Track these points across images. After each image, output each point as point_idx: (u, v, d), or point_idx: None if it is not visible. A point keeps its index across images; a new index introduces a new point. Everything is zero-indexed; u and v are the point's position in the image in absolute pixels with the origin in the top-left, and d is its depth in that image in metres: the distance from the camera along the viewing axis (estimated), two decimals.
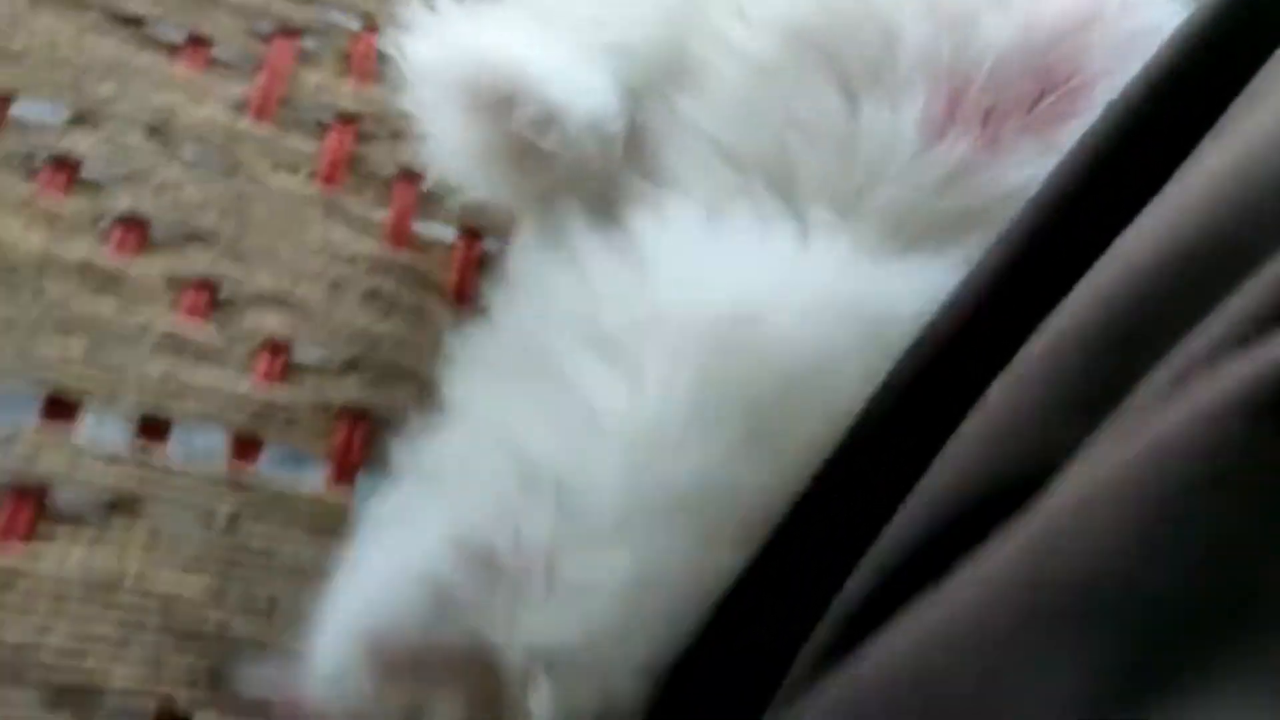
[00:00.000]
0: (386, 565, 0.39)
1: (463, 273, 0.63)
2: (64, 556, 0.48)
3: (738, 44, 0.44)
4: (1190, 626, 0.20)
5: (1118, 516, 0.21)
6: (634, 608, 0.36)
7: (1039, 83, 0.41)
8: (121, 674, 0.47)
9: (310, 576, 0.51)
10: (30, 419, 0.51)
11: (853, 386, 0.36)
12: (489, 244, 0.64)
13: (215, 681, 0.48)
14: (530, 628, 0.35)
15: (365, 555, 0.40)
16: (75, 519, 0.49)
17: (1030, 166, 0.38)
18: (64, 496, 0.50)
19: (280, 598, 0.51)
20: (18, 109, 0.57)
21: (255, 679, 0.49)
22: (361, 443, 0.56)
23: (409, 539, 0.39)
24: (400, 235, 0.62)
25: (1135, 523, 0.21)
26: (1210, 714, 0.19)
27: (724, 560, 0.36)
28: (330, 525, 0.53)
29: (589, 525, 0.37)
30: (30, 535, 0.48)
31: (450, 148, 0.51)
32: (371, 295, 0.59)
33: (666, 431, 0.37)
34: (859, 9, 0.42)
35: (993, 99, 0.41)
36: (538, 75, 0.46)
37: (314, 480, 0.54)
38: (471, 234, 0.64)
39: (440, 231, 0.64)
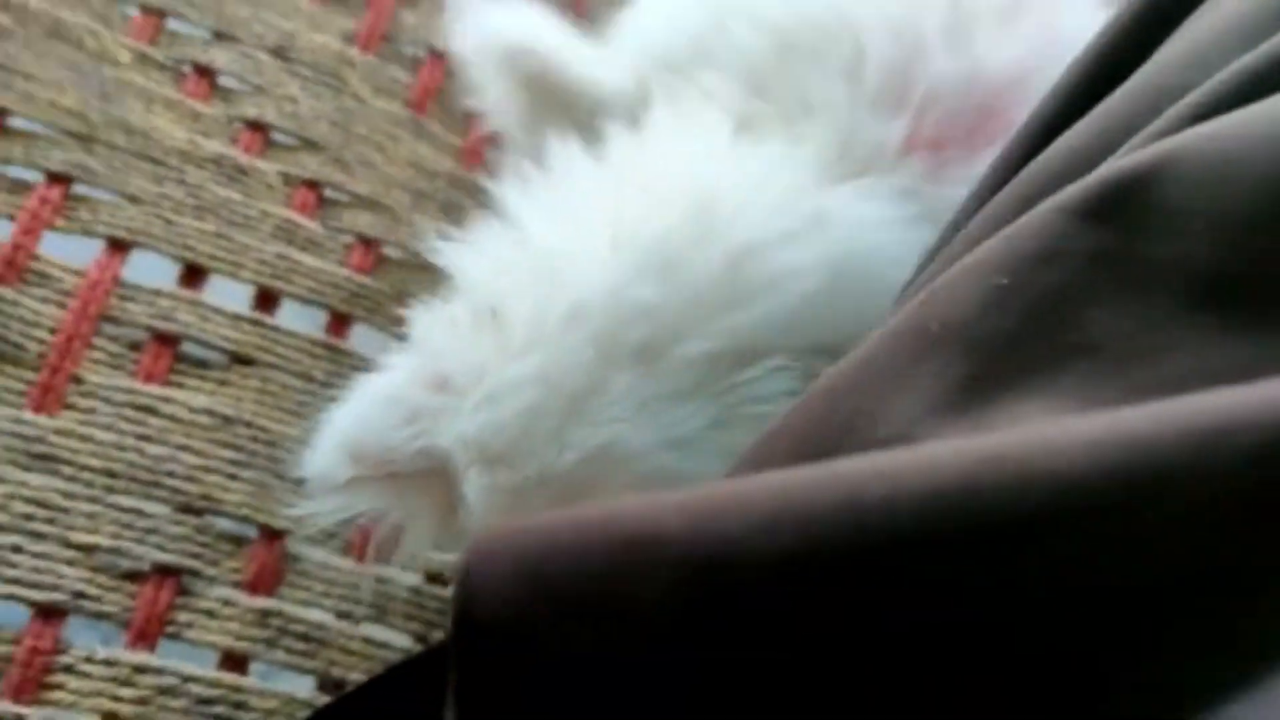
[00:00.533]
0: (366, 392, 0.49)
1: None
2: (192, 396, 0.59)
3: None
4: (1013, 354, 0.26)
5: (974, 278, 0.28)
6: (539, 408, 0.43)
7: (977, 118, 0.48)
8: (233, 496, 0.58)
9: None
10: (169, 281, 0.61)
11: (762, 239, 0.44)
12: None
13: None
14: (463, 429, 0.44)
15: (354, 390, 0.49)
16: (202, 365, 0.60)
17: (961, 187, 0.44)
18: (193, 347, 0.60)
19: None
20: (171, 23, 0.67)
21: None
22: None
23: (387, 375, 0.48)
24: (474, 158, 0.72)
25: (983, 282, 0.28)
26: (1019, 409, 0.25)
27: (622, 377, 0.43)
28: None
29: (509, 339, 0.44)
30: (167, 376, 0.59)
31: (500, 108, 0.61)
32: (448, 206, 0.70)
33: (580, 251, 0.45)
34: (834, 22, 0.50)
35: (942, 131, 0.49)
36: (565, 57, 0.57)
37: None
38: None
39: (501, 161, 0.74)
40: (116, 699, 0.51)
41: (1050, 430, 0.23)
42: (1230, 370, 0.23)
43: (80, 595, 0.52)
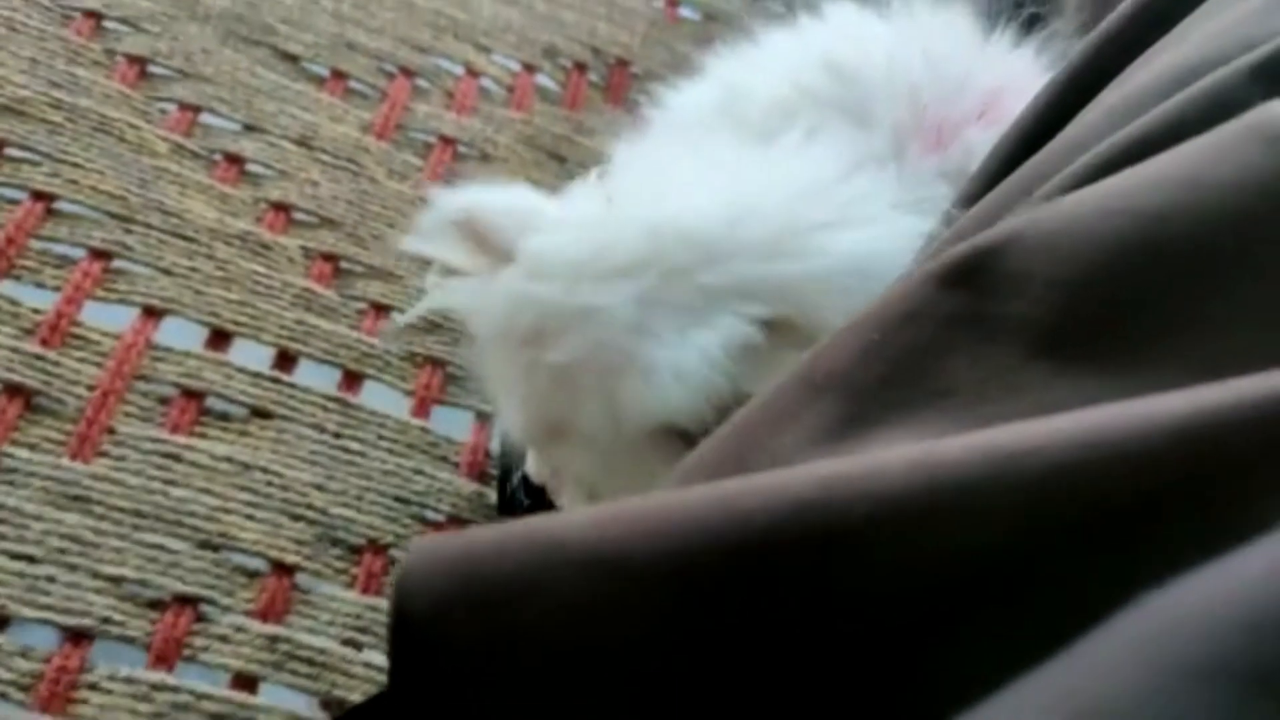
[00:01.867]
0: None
1: None
2: (214, 445, 0.64)
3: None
4: (881, 397, 0.30)
5: (854, 334, 0.32)
6: None
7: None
8: (248, 534, 0.62)
9: (391, 479, 0.66)
10: (197, 344, 0.67)
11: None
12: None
13: (315, 547, 0.63)
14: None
15: None
16: (224, 418, 0.65)
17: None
18: (217, 402, 0.65)
19: (365, 494, 0.65)
20: (204, 118, 0.74)
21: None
22: (438, 385, 0.71)
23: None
24: None
25: (860, 337, 0.32)
26: (883, 445, 0.29)
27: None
28: (410, 445, 0.68)
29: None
30: (192, 428, 0.64)
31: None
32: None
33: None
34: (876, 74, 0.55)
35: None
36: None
37: (400, 411, 0.69)
38: None
39: None
40: (136, 713, 0.55)
41: (886, 455, 0.27)
42: (1064, 408, 0.26)
43: (107, 621, 0.57)
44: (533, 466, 0.60)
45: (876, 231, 0.48)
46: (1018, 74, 0.54)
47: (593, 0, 0.92)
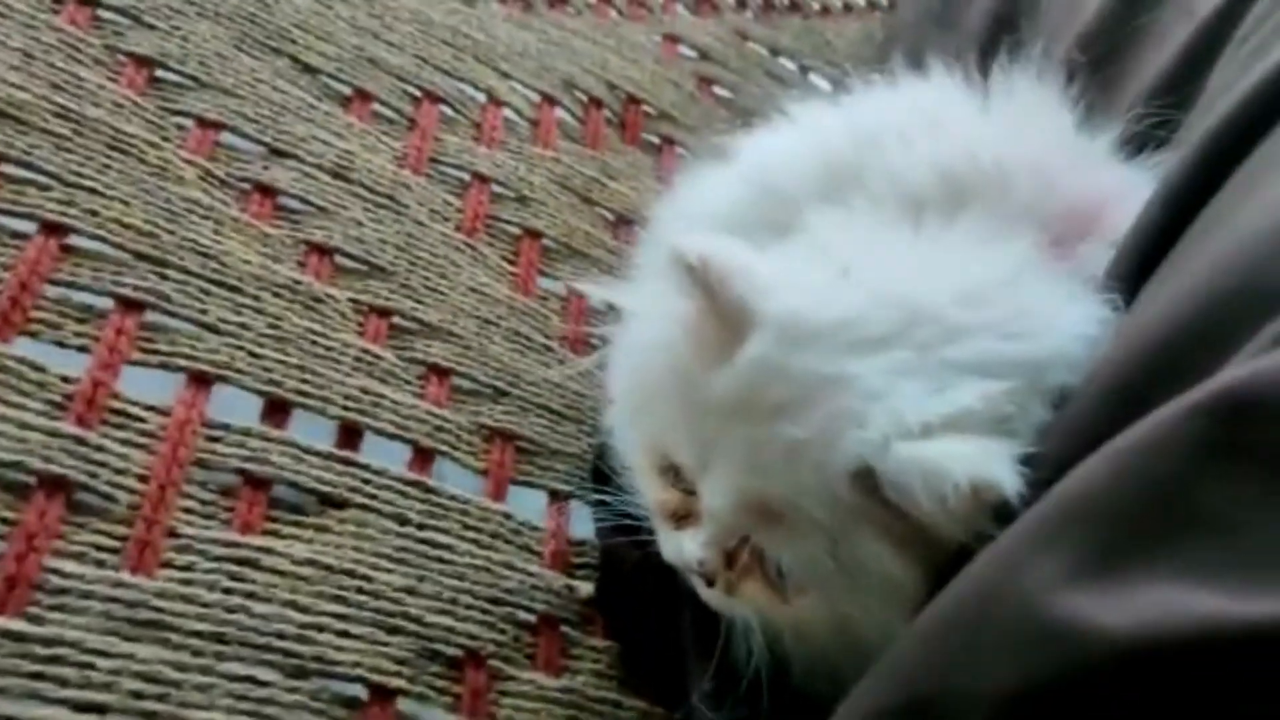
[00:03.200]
0: None
1: (576, 321, 0.69)
2: (292, 546, 0.52)
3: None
4: (1136, 527, 0.31)
5: (1106, 462, 0.34)
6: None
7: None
8: (345, 656, 0.51)
9: (482, 576, 0.56)
10: (253, 417, 0.54)
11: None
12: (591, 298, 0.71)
13: (415, 665, 0.53)
14: None
15: None
16: (296, 510, 0.53)
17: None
18: (283, 490, 0.53)
19: (459, 596, 0.55)
20: (226, 137, 0.61)
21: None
22: (510, 462, 0.62)
23: None
24: (528, 285, 0.69)
25: (1112, 457, 0.33)
26: (1142, 584, 0.30)
27: None
28: (494, 534, 0.58)
29: None
30: (264, 525, 0.52)
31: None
32: (513, 334, 0.65)
33: None
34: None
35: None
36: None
37: (475, 493, 0.60)
38: (578, 291, 0.71)
39: (553, 285, 0.71)
40: None
41: None
42: None
43: None
44: (697, 552, 0.51)
45: (1080, 313, 0.46)
46: (1117, 185, 0.53)
47: (600, 31, 0.84)
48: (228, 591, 0.49)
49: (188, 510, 0.50)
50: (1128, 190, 0.51)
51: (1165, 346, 0.39)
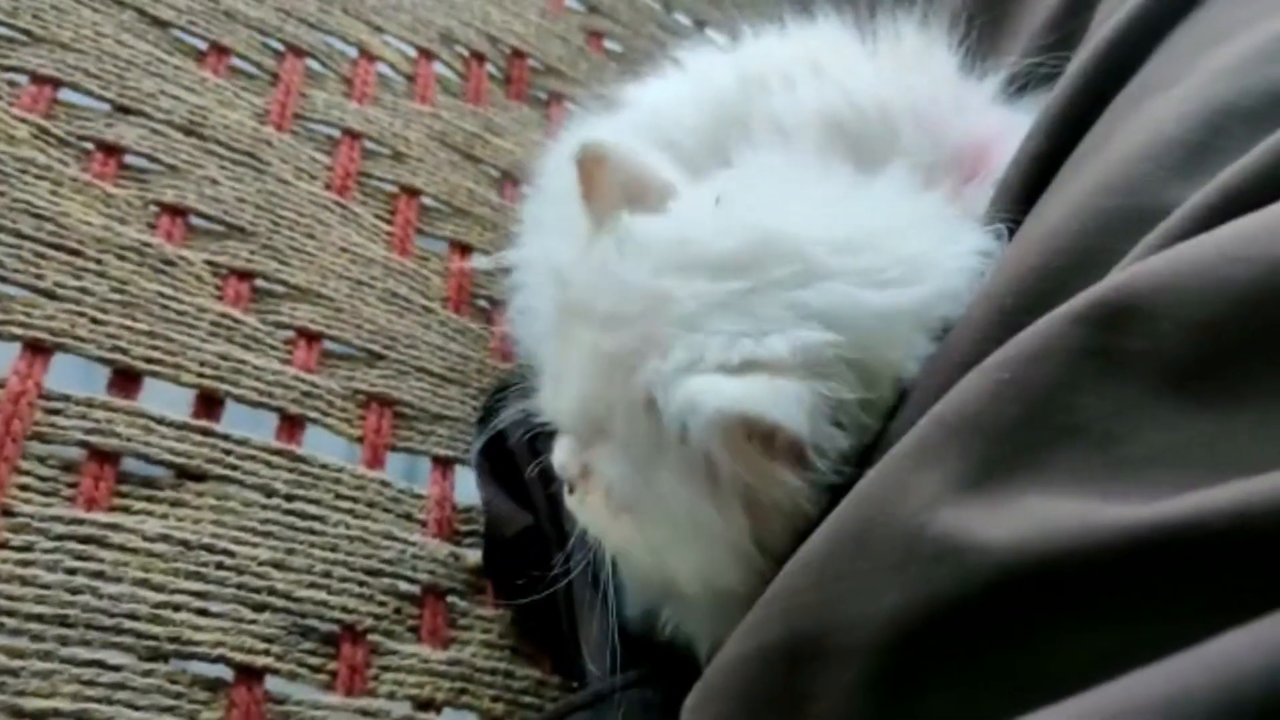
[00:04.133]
0: None
1: (458, 282, 0.67)
2: (144, 522, 0.49)
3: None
4: (1015, 438, 0.31)
5: (983, 376, 0.33)
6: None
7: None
8: (205, 635, 0.48)
9: (358, 547, 0.54)
10: (99, 388, 0.51)
11: None
12: (476, 259, 0.69)
13: (285, 642, 0.50)
14: None
15: None
16: (149, 484, 0.50)
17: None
18: (135, 464, 0.50)
19: (333, 569, 0.53)
20: (66, 94, 0.57)
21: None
22: (389, 428, 0.59)
23: None
24: (404, 245, 0.66)
25: (990, 378, 0.33)
26: (1022, 491, 0.30)
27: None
28: (371, 503, 0.56)
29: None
30: (112, 500, 0.49)
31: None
32: (390, 295, 0.62)
33: None
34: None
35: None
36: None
37: (350, 460, 0.57)
38: (462, 249, 0.68)
39: (435, 245, 0.68)
40: None
41: None
42: (1192, 444, 0.28)
43: None
44: (560, 457, 0.47)
45: (961, 248, 0.44)
46: (1001, 126, 0.52)
47: None
48: (71, 572, 0.46)
49: (24, 487, 0.47)
50: (1012, 131, 0.49)
51: (1044, 270, 0.38)
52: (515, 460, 0.58)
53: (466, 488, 0.60)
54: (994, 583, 0.29)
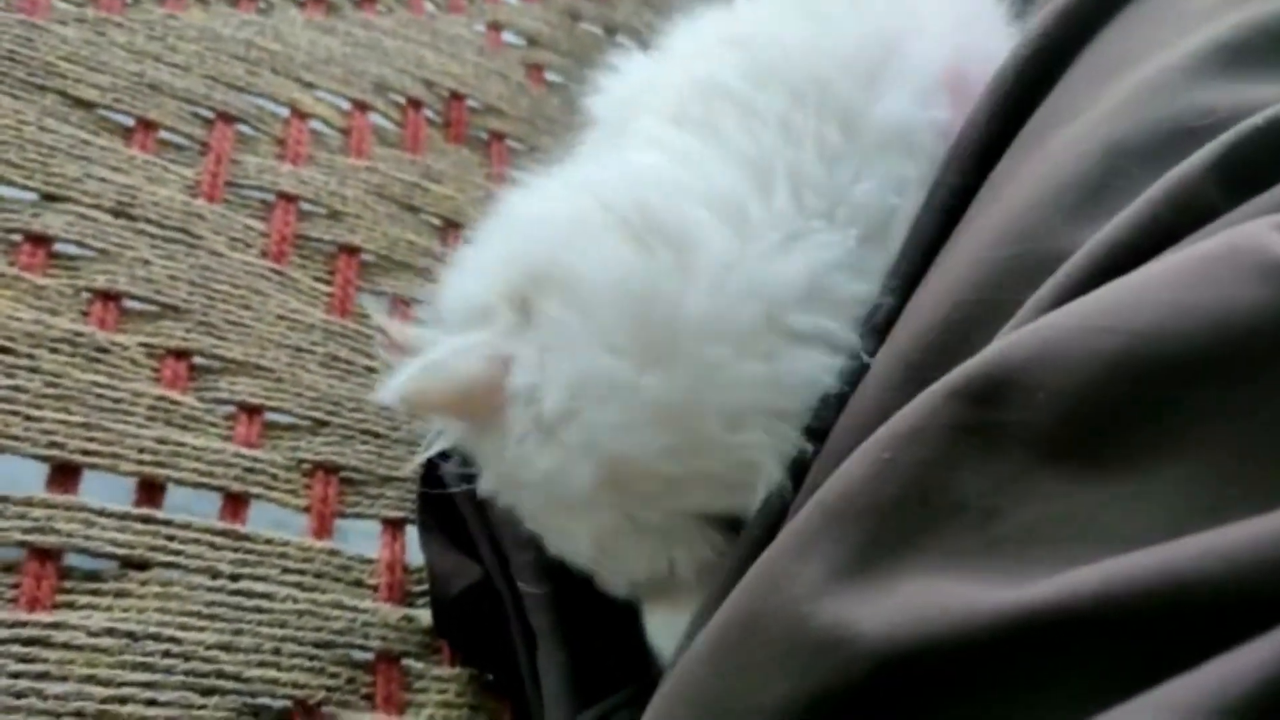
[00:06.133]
0: None
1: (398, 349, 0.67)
2: (89, 617, 0.50)
3: None
4: (895, 520, 0.31)
5: (865, 456, 0.34)
6: None
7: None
8: None
9: (307, 621, 0.55)
10: (38, 486, 0.52)
11: None
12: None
13: None
14: None
15: None
16: (93, 578, 0.51)
17: None
18: (79, 559, 0.51)
19: (282, 645, 0.54)
20: None
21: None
22: (335, 495, 0.60)
23: None
24: (344, 305, 0.66)
25: (871, 458, 0.33)
26: (904, 574, 0.30)
27: None
28: (319, 574, 0.57)
29: None
30: (55, 598, 0.50)
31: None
32: (330, 359, 0.63)
33: None
34: None
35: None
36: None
37: (298, 533, 0.58)
38: (404, 304, 0.69)
39: (377, 302, 0.69)
40: None
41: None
42: (1068, 518, 0.29)
43: None
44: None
45: None
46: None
47: (414, 27, 0.82)
48: (16, 675, 0.47)
49: None
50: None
51: (946, 323, 0.39)
52: (460, 514, 0.58)
53: (418, 546, 0.61)
54: (873, 673, 0.29)
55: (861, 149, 0.44)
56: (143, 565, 0.52)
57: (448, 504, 0.59)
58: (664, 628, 0.45)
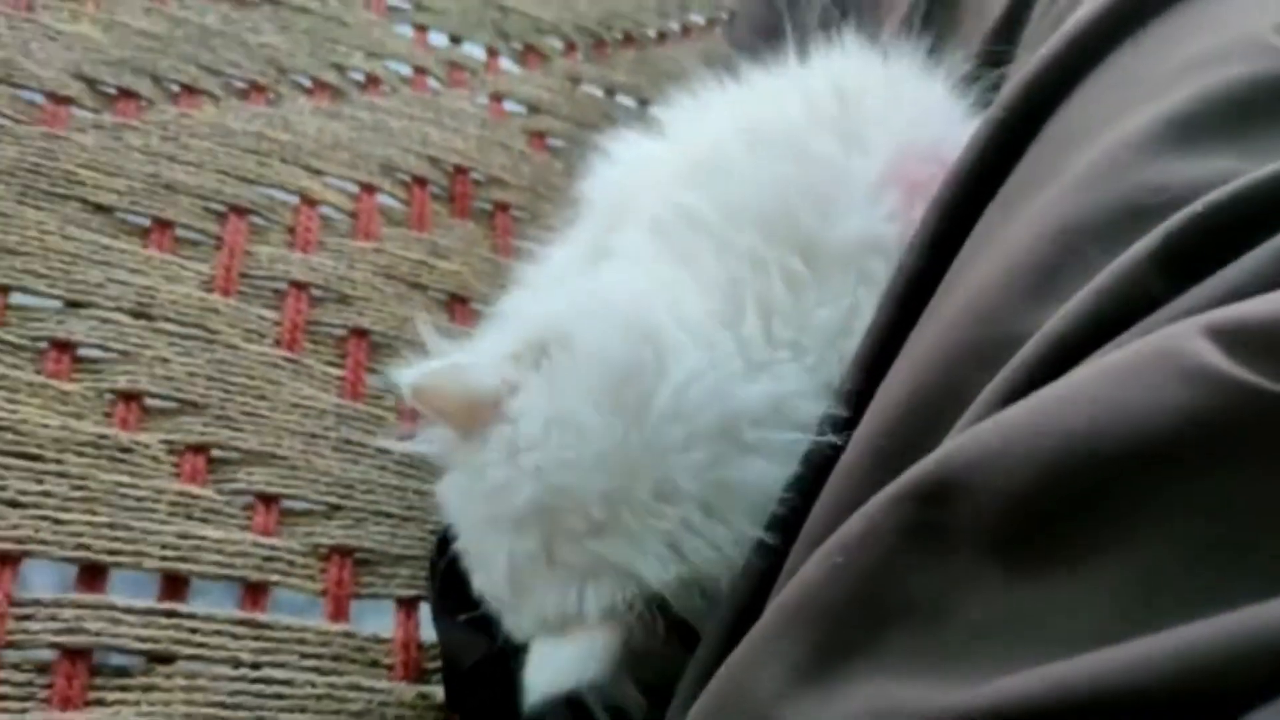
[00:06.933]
0: None
1: (412, 418, 0.70)
2: (117, 714, 0.53)
3: None
4: (848, 623, 0.33)
5: (820, 559, 0.35)
6: None
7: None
8: None
9: (325, 704, 0.58)
10: (67, 587, 0.55)
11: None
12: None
13: None
14: None
15: None
16: (121, 674, 0.54)
17: None
18: (107, 656, 0.54)
19: None
20: (16, 298, 0.61)
21: None
22: (350, 578, 0.63)
23: None
24: (355, 388, 0.69)
25: (826, 562, 0.35)
26: (856, 678, 0.32)
27: None
28: (336, 656, 0.60)
29: None
30: (85, 697, 0.53)
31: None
32: (343, 444, 0.66)
33: None
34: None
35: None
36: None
37: (315, 617, 0.61)
38: None
39: (386, 382, 0.72)
40: None
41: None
42: (1013, 617, 0.31)
43: None
44: None
45: None
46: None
47: (418, 105, 0.85)
48: None
49: (2, 697, 0.51)
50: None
51: (911, 408, 0.40)
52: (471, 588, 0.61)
53: (431, 625, 0.64)
54: None
55: (822, 274, 0.47)
56: (168, 659, 0.55)
57: (459, 578, 0.62)
58: (544, 659, 0.47)
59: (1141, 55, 0.45)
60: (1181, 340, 0.32)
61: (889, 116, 0.53)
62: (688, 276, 0.50)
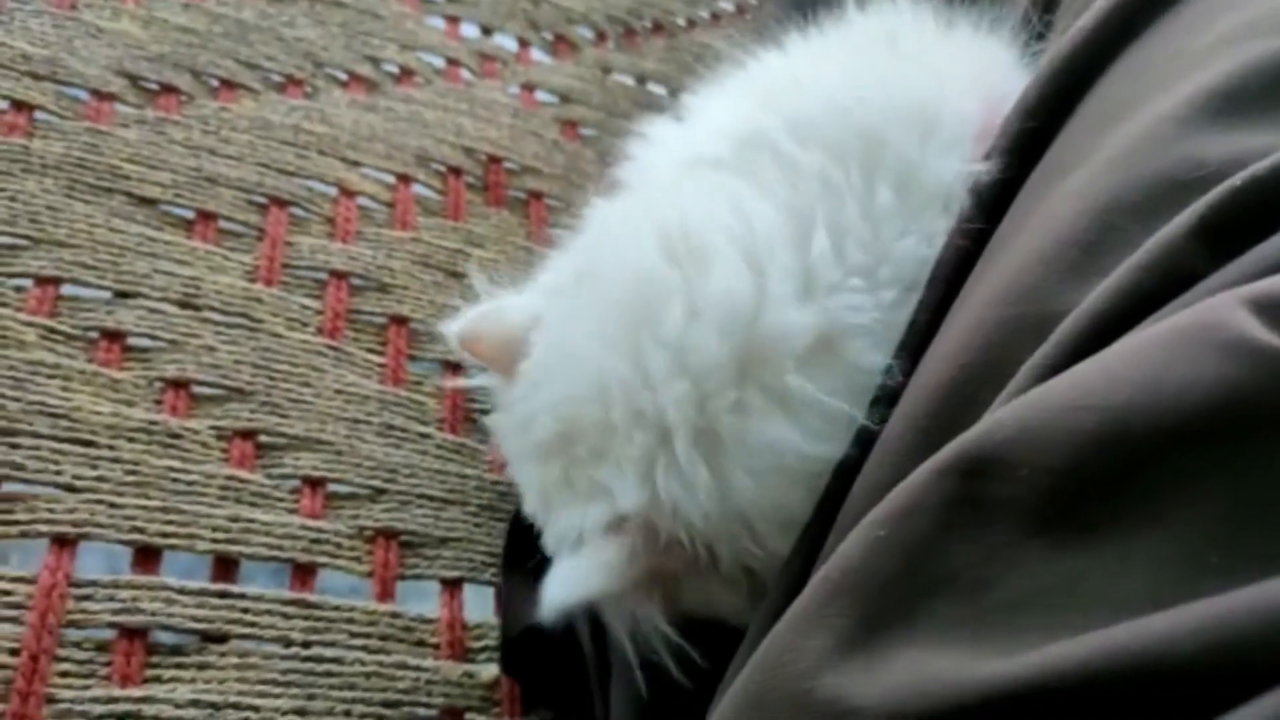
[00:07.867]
0: None
1: (452, 402, 0.72)
2: (174, 690, 0.55)
3: None
4: (891, 594, 0.33)
5: (863, 533, 0.36)
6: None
7: None
8: None
9: (374, 682, 0.59)
10: (124, 568, 0.57)
11: None
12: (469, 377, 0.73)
13: None
14: None
15: None
16: (176, 652, 0.56)
17: None
18: (163, 635, 0.56)
19: (353, 707, 0.58)
20: (67, 289, 0.63)
21: None
22: (396, 560, 0.64)
23: None
24: (396, 375, 0.71)
25: (869, 535, 0.35)
26: (899, 646, 0.32)
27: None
28: (384, 636, 0.61)
29: None
30: (144, 673, 0.55)
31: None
32: (386, 429, 0.68)
33: None
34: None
35: None
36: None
37: (362, 597, 0.62)
38: (453, 368, 0.74)
39: (426, 368, 0.73)
40: None
41: None
42: (1056, 587, 0.31)
43: None
44: None
45: None
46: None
47: (451, 96, 0.86)
48: None
49: (64, 674, 0.53)
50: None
51: (952, 386, 0.40)
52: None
53: (476, 603, 0.65)
54: None
55: (910, 208, 0.46)
56: (222, 638, 0.57)
57: (531, 547, 0.63)
58: (557, 573, 0.48)
59: (1179, 29, 0.45)
60: (1221, 313, 0.32)
61: (962, 61, 0.53)
62: (748, 189, 0.48)
